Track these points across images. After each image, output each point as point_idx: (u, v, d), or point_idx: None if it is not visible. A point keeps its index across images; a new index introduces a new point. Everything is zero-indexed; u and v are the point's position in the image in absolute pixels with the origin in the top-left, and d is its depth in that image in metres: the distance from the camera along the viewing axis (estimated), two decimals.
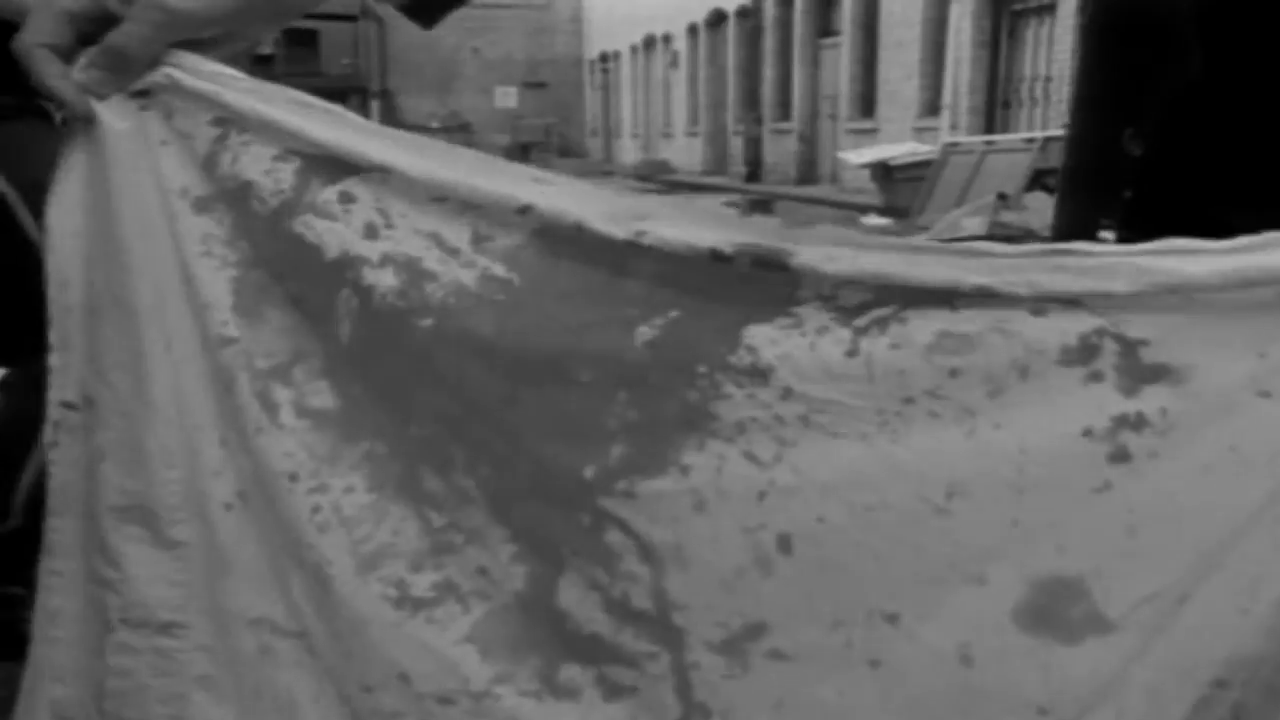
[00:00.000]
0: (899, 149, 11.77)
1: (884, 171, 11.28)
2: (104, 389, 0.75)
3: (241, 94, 0.73)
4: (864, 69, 16.32)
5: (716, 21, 21.77)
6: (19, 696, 0.78)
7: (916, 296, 0.63)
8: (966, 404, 0.63)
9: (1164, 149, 0.98)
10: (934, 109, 14.18)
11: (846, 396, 0.64)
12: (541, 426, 0.70)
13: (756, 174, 19.25)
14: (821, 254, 0.64)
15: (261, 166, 0.74)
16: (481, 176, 0.70)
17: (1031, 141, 9.07)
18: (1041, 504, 0.62)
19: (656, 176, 21.26)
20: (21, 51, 0.72)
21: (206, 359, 0.75)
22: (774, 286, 0.66)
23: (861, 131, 15.71)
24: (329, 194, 0.73)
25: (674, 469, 0.68)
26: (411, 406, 0.74)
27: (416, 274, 0.71)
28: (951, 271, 0.62)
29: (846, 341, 0.65)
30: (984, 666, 0.64)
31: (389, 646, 0.73)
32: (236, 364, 0.74)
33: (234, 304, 0.74)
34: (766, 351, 0.66)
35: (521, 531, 0.72)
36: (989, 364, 0.62)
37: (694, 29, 22.74)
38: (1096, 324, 0.61)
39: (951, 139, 11.40)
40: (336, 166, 0.73)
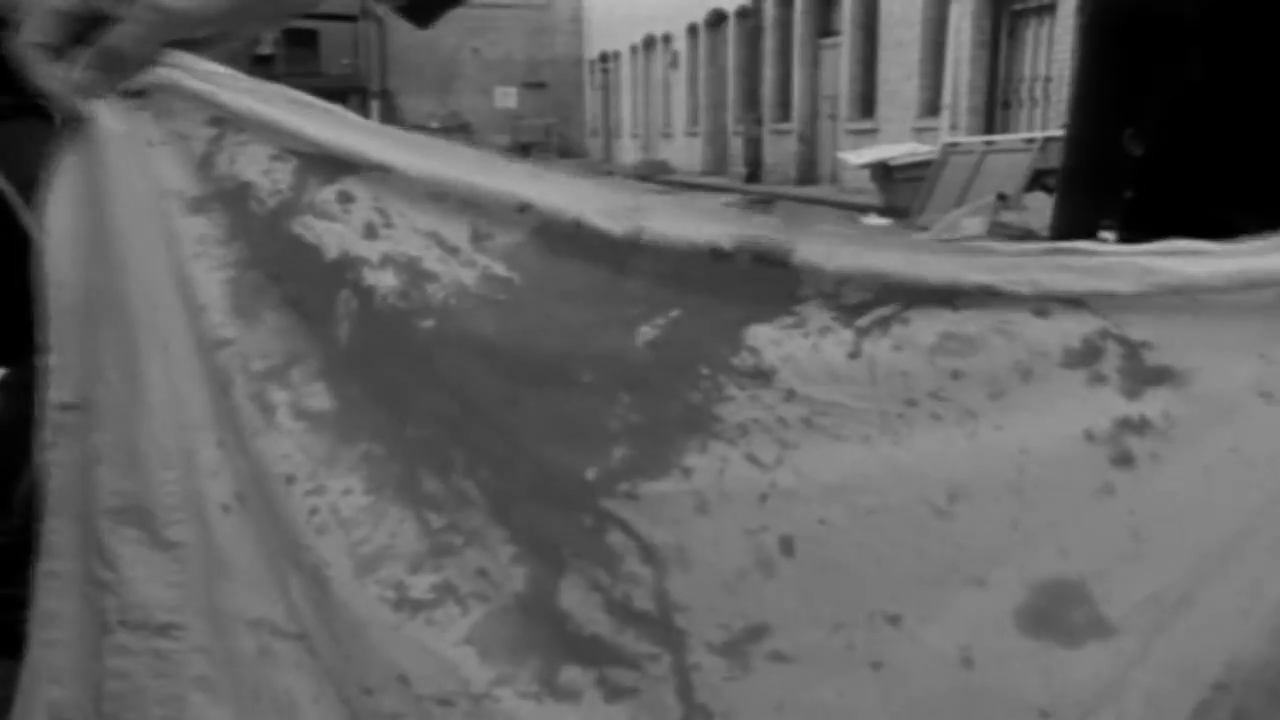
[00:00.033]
0: (899, 149, 11.77)
1: (884, 172, 11.28)
2: (101, 390, 0.74)
3: (237, 93, 0.73)
4: (864, 69, 16.32)
5: (716, 22, 21.77)
6: (16, 698, 0.78)
7: (918, 295, 0.63)
8: (968, 406, 0.63)
9: (1165, 149, 0.97)
10: (934, 109, 14.18)
11: (849, 398, 0.64)
12: (543, 428, 0.70)
13: (756, 174, 19.25)
14: (822, 250, 0.64)
15: (259, 167, 0.73)
16: (479, 174, 0.70)
17: (1031, 142, 9.07)
18: (1043, 506, 0.62)
19: (656, 177, 21.24)
20: (15, 51, 0.71)
21: (203, 360, 0.74)
22: (775, 284, 0.65)
23: (861, 132, 15.71)
24: (327, 193, 0.73)
25: (676, 471, 0.67)
26: (410, 408, 0.73)
27: (417, 274, 0.71)
28: (953, 269, 0.62)
29: (849, 343, 0.64)
30: (985, 669, 0.64)
31: (388, 648, 0.73)
32: (232, 366, 0.74)
33: (229, 305, 0.74)
34: (769, 353, 0.66)
35: (522, 533, 0.72)
36: (991, 366, 0.62)
37: (694, 29, 22.75)
38: (1099, 326, 0.61)
39: (951, 139, 11.40)
40: (334, 165, 0.72)
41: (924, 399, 0.63)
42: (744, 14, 20.18)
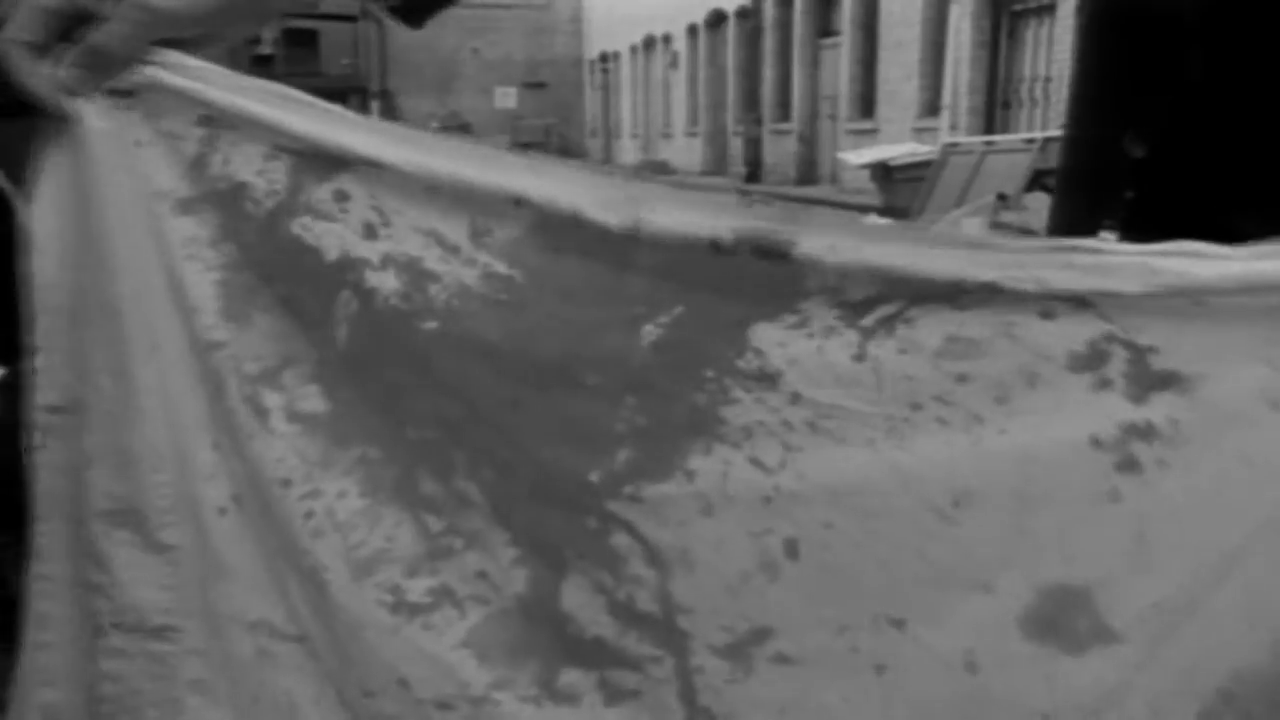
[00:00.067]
0: (899, 149, 11.76)
1: (884, 172, 11.27)
2: (90, 392, 0.74)
3: (227, 91, 0.72)
4: (864, 69, 16.32)
5: (716, 22, 21.78)
6: (10, 701, 0.77)
7: (922, 292, 0.63)
8: (974, 411, 0.62)
9: (1166, 151, 0.97)
10: (934, 109, 14.18)
11: (854, 402, 0.64)
12: (547, 430, 0.70)
13: (756, 174, 19.25)
14: (824, 244, 0.63)
15: (254, 167, 0.73)
16: (473, 167, 0.69)
17: (1031, 142, 9.06)
18: (1048, 512, 0.62)
19: (656, 177, 21.20)
20: (1, 49, 0.70)
21: (195, 362, 0.74)
22: (777, 279, 0.65)
23: (861, 132, 15.71)
24: (323, 192, 0.72)
25: (679, 474, 0.67)
26: (411, 410, 0.73)
27: (418, 275, 0.70)
28: (957, 265, 0.61)
29: (854, 345, 0.64)
30: (988, 674, 0.64)
31: (387, 652, 0.72)
32: (225, 369, 0.74)
33: (221, 308, 0.74)
34: (774, 355, 0.65)
35: (524, 535, 0.72)
36: (997, 370, 0.62)
37: (694, 29, 22.75)
38: (1106, 330, 0.61)
39: (951, 139, 11.40)
40: (327, 162, 0.72)
41: (929, 403, 0.63)
42: (744, 14, 20.18)
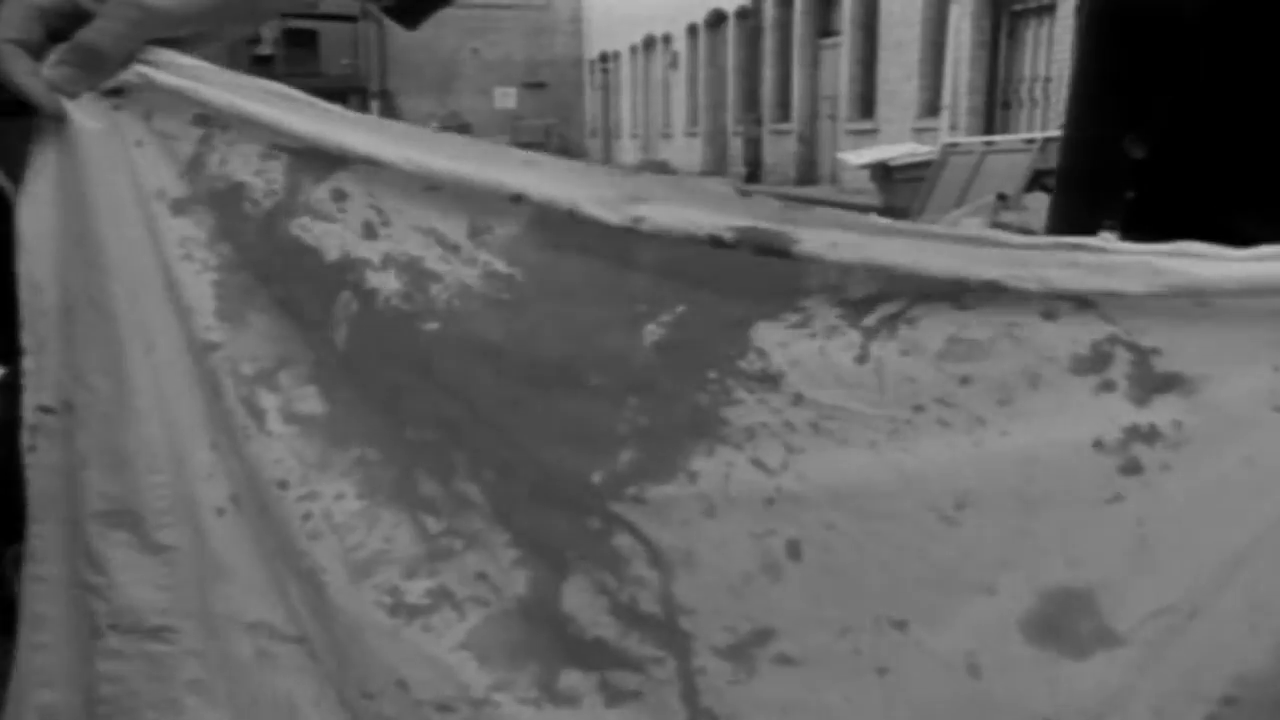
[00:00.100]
0: (898, 149, 11.76)
1: (884, 172, 11.27)
2: (83, 393, 0.73)
3: (220, 89, 0.71)
4: (863, 69, 16.33)
5: (716, 22, 21.78)
6: (7, 702, 0.77)
7: (924, 290, 0.62)
8: (976, 413, 0.62)
9: (1167, 151, 0.97)
10: (934, 109, 14.18)
11: (857, 404, 0.64)
12: (549, 430, 0.70)
13: (756, 174, 19.25)
14: (825, 241, 0.63)
15: (251, 167, 0.72)
16: (469, 163, 0.69)
17: (1031, 142, 9.06)
18: (1051, 515, 0.62)
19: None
20: None
21: (192, 362, 0.74)
22: (779, 277, 0.65)
23: (861, 132, 15.71)
24: (321, 192, 0.72)
25: (682, 475, 0.67)
26: (411, 411, 0.73)
27: (419, 275, 0.70)
28: (959, 263, 0.61)
29: (856, 346, 0.64)
30: (990, 677, 0.64)
31: (386, 654, 0.72)
32: (221, 370, 0.73)
33: (216, 309, 0.73)
34: (776, 355, 0.65)
35: (525, 536, 0.72)
36: (1000, 372, 0.62)
37: (694, 29, 22.75)
38: (1109, 331, 0.60)
39: (951, 139, 11.39)
40: (323, 160, 0.71)
41: (931, 405, 0.63)
42: (744, 14, 20.18)
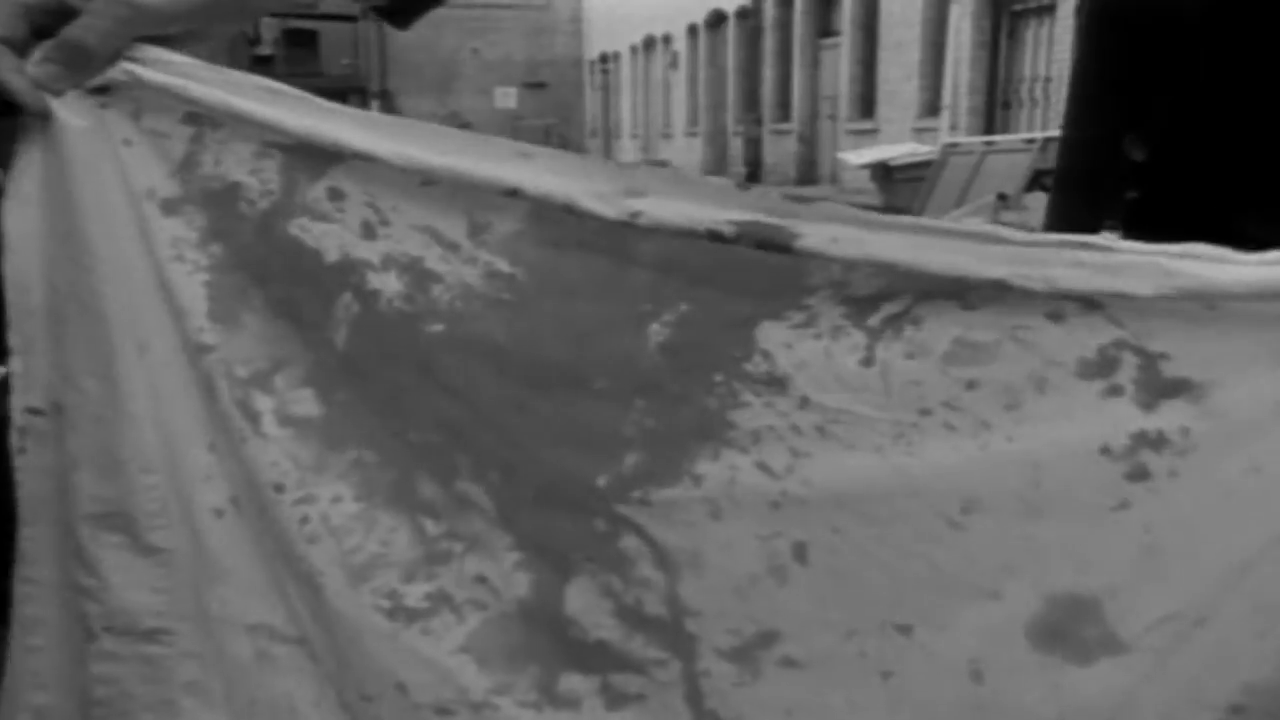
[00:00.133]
0: (899, 149, 11.76)
1: (884, 172, 11.27)
2: (73, 395, 0.72)
3: (209, 86, 0.70)
4: (864, 69, 16.33)
5: (716, 22, 21.77)
6: (2, 704, 0.77)
7: (928, 288, 0.62)
8: (983, 417, 0.62)
9: (1168, 152, 0.96)
10: (934, 109, 14.18)
11: (863, 407, 0.64)
12: (554, 433, 0.69)
13: (756, 174, 19.25)
14: (827, 236, 0.62)
15: (246, 166, 0.72)
16: (463, 156, 0.68)
17: (1031, 142, 9.05)
18: (1057, 521, 0.61)
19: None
20: None
21: (188, 364, 0.73)
22: (781, 273, 0.64)
23: (861, 132, 15.71)
24: (318, 191, 0.71)
25: (687, 478, 0.67)
26: (413, 413, 0.72)
27: (420, 275, 0.70)
28: (963, 260, 0.60)
29: (862, 348, 0.63)
30: (994, 682, 0.63)
31: (385, 657, 0.72)
32: (216, 372, 0.73)
33: (209, 310, 0.72)
34: (781, 358, 0.65)
35: (528, 538, 0.71)
36: (1006, 376, 0.61)
37: (694, 30, 22.75)
38: (1116, 335, 0.60)
39: (951, 139, 11.39)
40: (318, 157, 0.71)
41: (938, 409, 0.62)
42: (744, 14, 20.18)
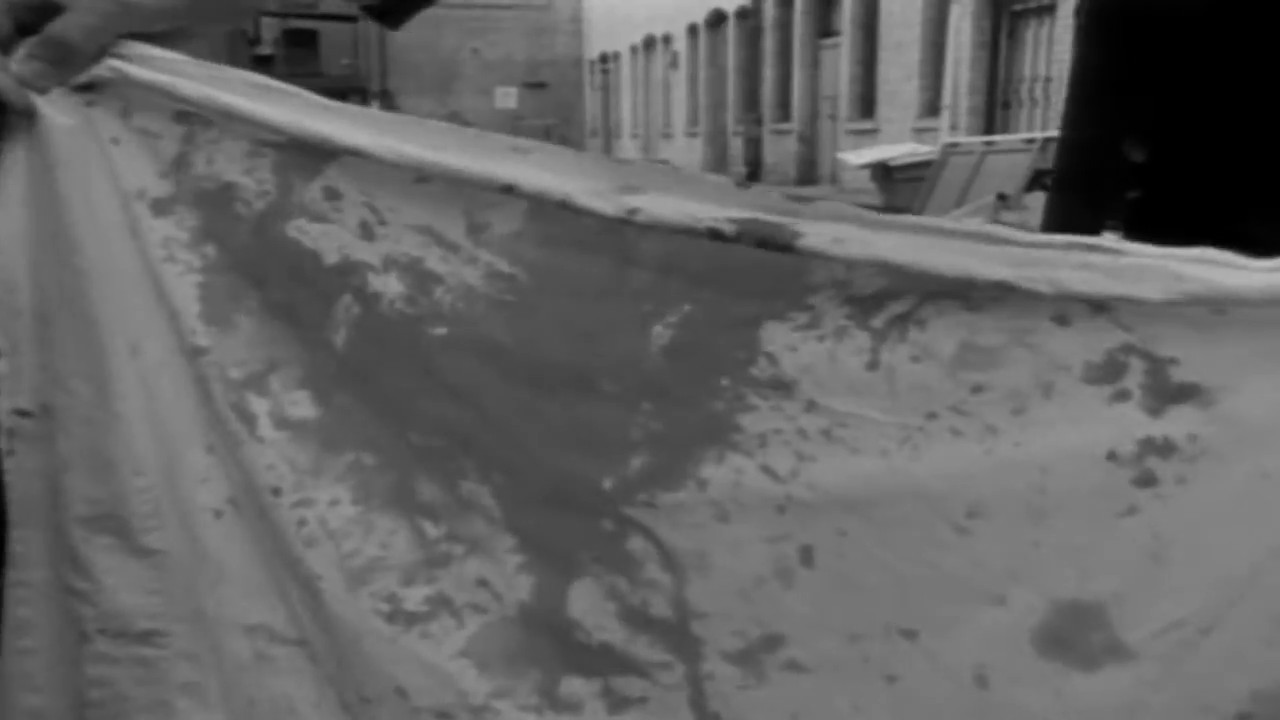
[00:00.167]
0: (899, 149, 11.75)
1: (884, 172, 11.26)
2: (63, 396, 0.72)
3: (199, 83, 0.69)
4: (864, 70, 16.32)
5: (716, 22, 21.77)
6: None
7: (933, 287, 0.61)
8: (989, 421, 0.61)
9: (1169, 152, 0.96)
10: (934, 110, 14.17)
11: (869, 411, 0.63)
12: (559, 436, 0.69)
13: (756, 174, 19.24)
14: (829, 236, 0.61)
15: (239, 166, 0.71)
16: (457, 152, 0.67)
17: (1031, 142, 9.05)
18: (1063, 526, 0.61)
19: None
20: None
21: (185, 365, 0.72)
22: (784, 272, 0.63)
23: (861, 132, 15.70)
24: (313, 191, 0.71)
25: (692, 482, 0.66)
26: (415, 415, 0.72)
27: (421, 277, 0.69)
28: (967, 260, 0.59)
29: (867, 351, 0.63)
30: (999, 688, 0.63)
31: (384, 661, 0.72)
32: (210, 374, 0.72)
33: (201, 312, 0.72)
34: (786, 361, 0.64)
35: (531, 541, 0.71)
36: (1013, 380, 0.61)
37: (694, 29, 22.74)
38: (1124, 340, 0.59)
39: (951, 139, 11.38)
40: (311, 155, 0.70)
41: (944, 413, 0.62)
42: (744, 14, 20.17)
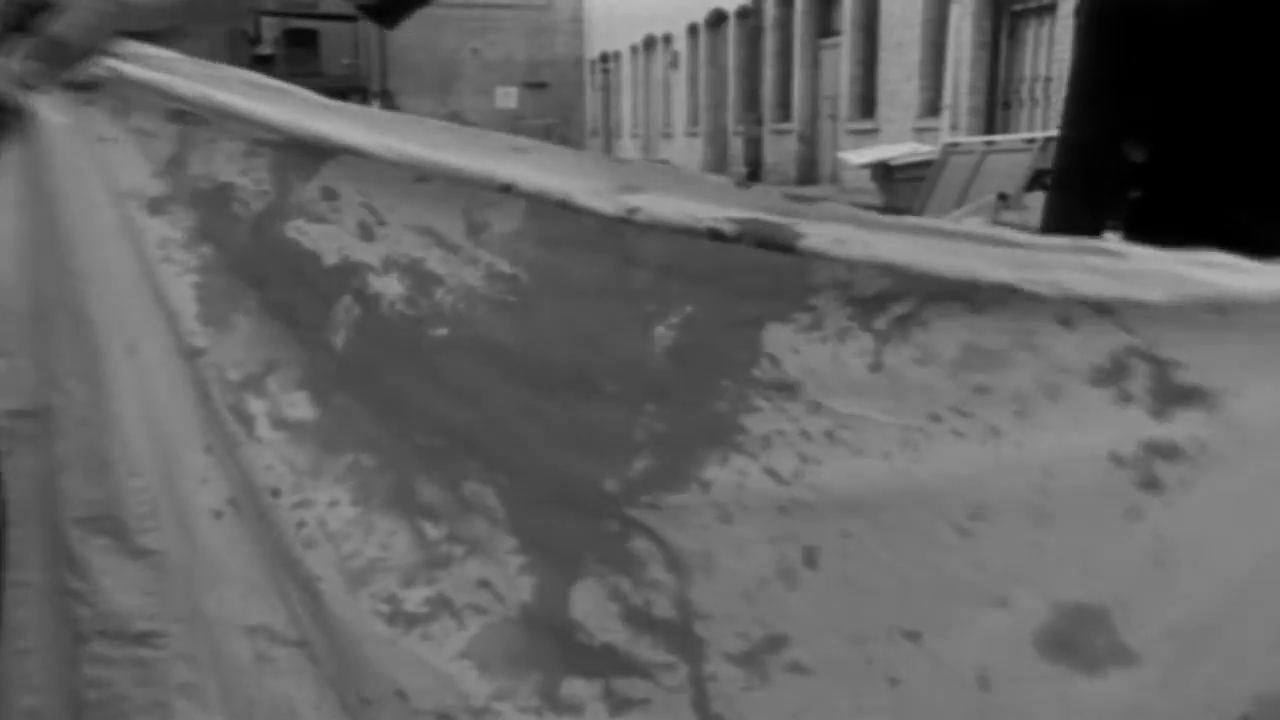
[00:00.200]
0: (899, 149, 11.75)
1: (884, 172, 11.25)
2: (59, 397, 0.71)
3: (194, 82, 0.69)
4: (864, 69, 16.31)
5: (717, 22, 21.76)
6: None
7: (935, 289, 0.61)
8: (992, 423, 0.61)
9: (1169, 152, 0.96)
10: (934, 109, 14.17)
11: (873, 412, 0.63)
12: (562, 437, 0.69)
13: (757, 174, 19.24)
14: (830, 236, 0.61)
15: (236, 166, 0.71)
16: (456, 151, 0.67)
17: (1032, 142, 9.05)
18: (1067, 529, 0.60)
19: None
20: None
21: (183, 365, 0.72)
22: (785, 272, 0.63)
23: (862, 132, 15.70)
24: (311, 191, 0.70)
25: (695, 484, 0.66)
26: (416, 416, 0.72)
27: (421, 277, 0.69)
28: (970, 262, 0.59)
29: (870, 352, 0.63)
30: (1002, 690, 0.63)
31: (385, 663, 0.71)
32: (209, 376, 0.72)
33: (199, 312, 0.72)
34: (789, 363, 0.64)
35: (534, 542, 0.71)
36: (1016, 382, 0.60)
37: (694, 29, 22.74)
38: (1127, 342, 0.59)
39: (952, 139, 11.38)
40: (308, 154, 0.70)
41: (947, 414, 0.62)
42: (744, 14, 20.17)
